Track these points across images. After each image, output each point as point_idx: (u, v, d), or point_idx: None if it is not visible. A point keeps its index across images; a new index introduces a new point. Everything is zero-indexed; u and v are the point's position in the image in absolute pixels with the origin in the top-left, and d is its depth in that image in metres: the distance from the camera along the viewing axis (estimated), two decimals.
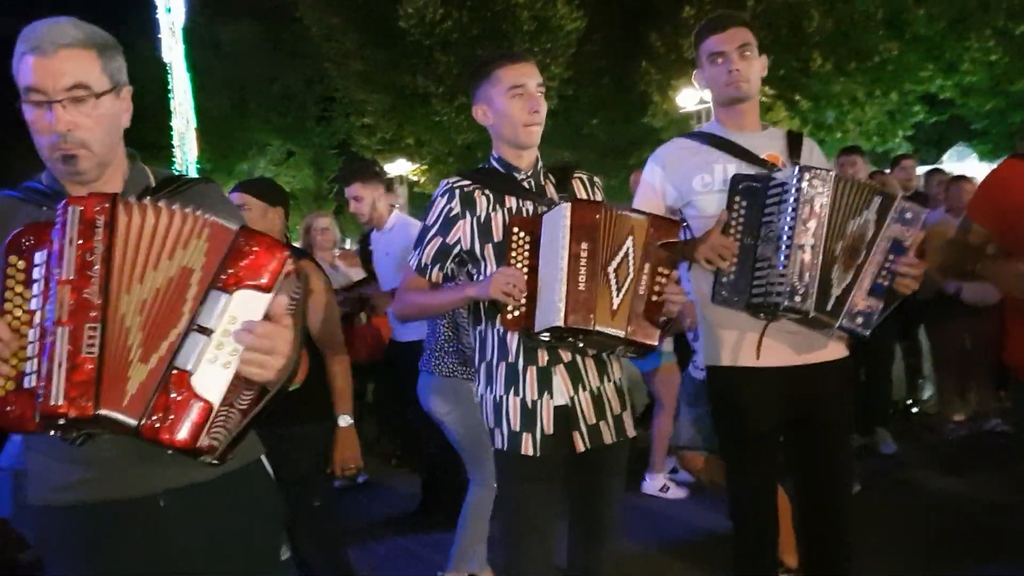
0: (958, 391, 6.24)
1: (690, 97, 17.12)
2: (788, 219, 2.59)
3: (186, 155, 27.00)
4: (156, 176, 1.97)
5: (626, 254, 2.50)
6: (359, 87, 19.43)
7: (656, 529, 4.69)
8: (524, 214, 2.66)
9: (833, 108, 17.45)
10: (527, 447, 2.61)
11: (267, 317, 1.62)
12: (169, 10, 26.13)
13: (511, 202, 2.68)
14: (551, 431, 2.62)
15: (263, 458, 2.05)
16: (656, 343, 2.50)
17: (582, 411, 2.64)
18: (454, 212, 2.66)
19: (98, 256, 1.57)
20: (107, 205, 1.60)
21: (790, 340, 2.80)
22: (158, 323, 1.60)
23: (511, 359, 2.65)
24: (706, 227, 2.78)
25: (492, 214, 2.66)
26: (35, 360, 1.56)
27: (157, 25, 26.44)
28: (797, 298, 2.57)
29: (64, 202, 1.61)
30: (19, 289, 1.60)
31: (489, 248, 2.65)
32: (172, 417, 1.55)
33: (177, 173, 2.03)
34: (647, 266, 2.49)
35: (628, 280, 2.48)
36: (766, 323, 2.72)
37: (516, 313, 2.51)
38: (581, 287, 2.42)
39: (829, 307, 2.61)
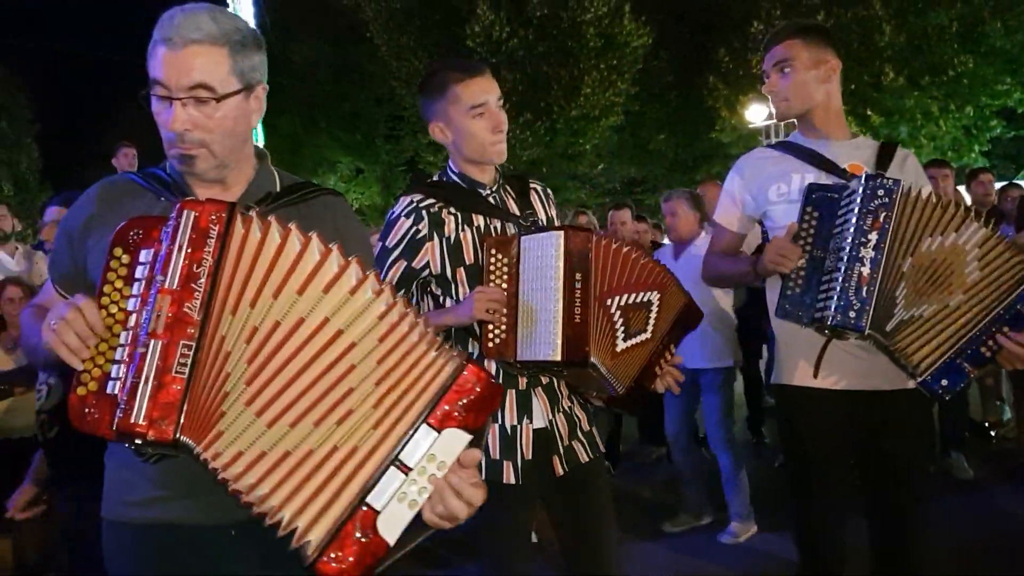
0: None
1: (758, 112, 16.97)
2: (850, 230, 2.45)
3: None
4: (282, 180, 1.87)
5: (647, 304, 2.41)
6: None
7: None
8: (493, 232, 2.50)
9: (906, 123, 17.11)
10: (508, 476, 2.46)
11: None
12: None
13: (479, 220, 2.52)
14: (530, 456, 2.48)
15: None
16: (635, 410, 2.42)
17: (559, 433, 2.53)
18: (421, 234, 2.46)
19: (206, 269, 1.45)
20: (223, 215, 1.49)
21: (857, 363, 2.66)
22: (290, 375, 1.45)
23: None
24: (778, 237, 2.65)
25: (461, 235, 2.48)
26: (122, 366, 1.45)
27: None
28: (852, 313, 2.39)
29: (179, 204, 1.50)
30: (119, 284, 1.51)
31: (461, 271, 2.49)
32: (351, 560, 1.39)
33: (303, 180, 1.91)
34: (666, 339, 2.43)
35: (642, 336, 2.39)
36: (827, 340, 2.62)
37: (497, 341, 2.37)
38: (577, 319, 2.27)
39: (890, 328, 2.44)
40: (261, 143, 26.41)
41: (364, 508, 1.41)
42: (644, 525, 5.15)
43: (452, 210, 2.50)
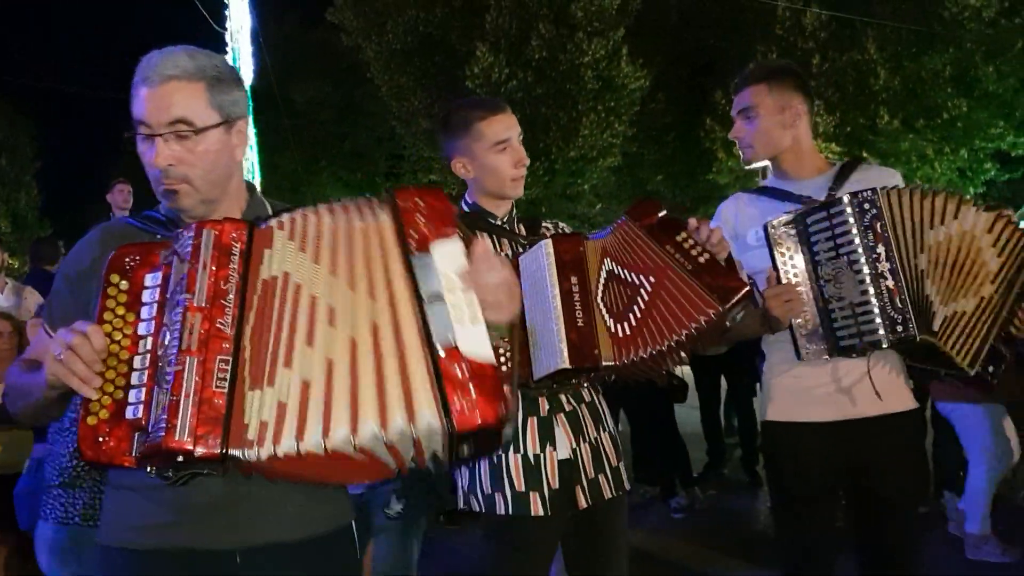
0: None
1: None
2: (857, 252, 2.41)
3: None
4: (275, 208, 1.85)
5: (611, 276, 2.30)
6: (427, 144, 19.75)
7: None
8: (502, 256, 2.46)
9: (902, 165, 17.21)
10: (536, 507, 2.38)
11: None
12: (239, 69, 27.05)
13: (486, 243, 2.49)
14: (557, 486, 2.41)
15: (353, 524, 1.86)
16: (748, 284, 2.16)
17: (583, 464, 2.46)
18: None
19: (233, 285, 1.47)
20: (244, 232, 1.52)
21: (844, 392, 2.59)
22: (274, 345, 1.46)
23: None
24: (759, 283, 2.55)
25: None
26: (141, 389, 1.44)
27: None
28: (899, 328, 2.36)
29: (195, 224, 1.52)
30: (120, 311, 1.51)
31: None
32: (475, 396, 1.36)
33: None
34: (669, 247, 2.22)
35: (644, 292, 2.22)
36: (868, 364, 2.53)
37: (509, 365, 2.33)
38: (580, 323, 2.25)
39: (937, 326, 2.40)
40: (258, 182, 26.62)
41: (442, 353, 1.38)
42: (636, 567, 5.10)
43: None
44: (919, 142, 16.83)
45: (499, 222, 2.61)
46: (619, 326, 2.26)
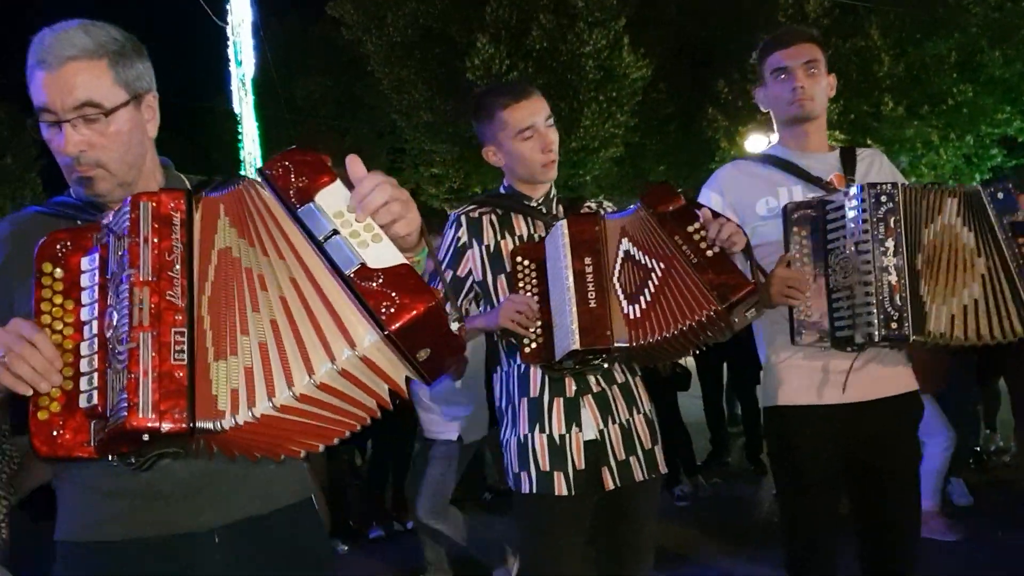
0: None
1: (757, 143, 17.02)
2: (863, 242, 2.40)
3: None
4: (191, 183, 1.80)
5: (628, 258, 2.31)
6: (428, 138, 19.74)
7: None
8: (534, 239, 2.51)
9: (907, 152, 17.16)
10: (560, 487, 2.41)
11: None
12: (240, 63, 26.96)
13: (521, 228, 2.55)
14: (583, 467, 2.43)
15: (313, 498, 1.86)
16: (752, 283, 2.17)
17: (612, 445, 2.46)
18: (462, 242, 2.54)
19: (178, 255, 1.42)
20: (182, 201, 1.47)
21: (844, 376, 2.58)
22: (232, 315, 1.44)
23: (534, 394, 2.46)
24: (770, 254, 2.58)
25: (501, 242, 2.53)
26: (93, 375, 1.40)
27: (230, 78, 27.36)
28: (894, 324, 2.37)
29: (129, 198, 1.45)
30: (58, 300, 1.46)
31: (502, 279, 2.50)
32: (395, 295, 1.35)
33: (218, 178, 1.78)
34: (677, 238, 2.23)
35: (655, 276, 2.24)
36: (855, 357, 2.54)
37: (534, 345, 2.35)
38: (592, 304, 2.25)
39: (931, 326, 2.42)
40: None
41: (353, 276, 1.38)
42: None
43: (493, 219, 2.56)
44: (924, 129, 16.75)
45: (534, 203, 2.60)
46: (632, 308, 2.28)
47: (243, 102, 26.97)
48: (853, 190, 2.46)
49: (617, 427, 2.48)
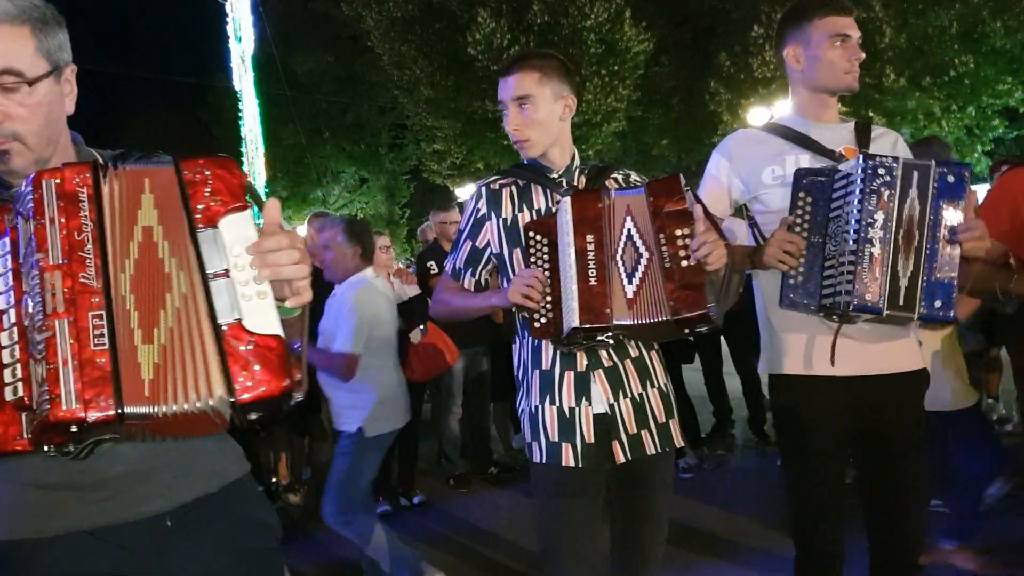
0: None
1: (760, 115, 16.98)
2: (855, 212, 2.41)
3: (255, 180, 27.59)
4: (105, 158, 1.66)
5: (629, 236, 2.33)
6: (429, 114, 19.70)
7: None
8: (552, 212, 2.48)
9: (908, 124, 17.10)
10: (568, 458, 2.45)
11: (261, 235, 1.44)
12: (240, 40, 26.87)
13: (539, 201, 2.54)
14: (592, 440, 2.46)
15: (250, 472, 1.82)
16: (707, 308, 2.20)
17: (623, 419, 2.47)
18: (481, 213, 2.57)
19: (88, 234, 1.35)
20: (88, 175, 1.38)
21: (859, 348, 2.62)
22: (153, 294, 1.38)
23: (546, 366, 2.50)
24: (773, 222, 2.62)
25: (519, 215, 2.53)
26: (16, 366, 1.34)
27: (230, 55, 27.25)
28: (869, 296, 2.38)
29: (31, 177, 1.37)
30: None
31: (517, 252, 2.52)
32: (257, 368, 1.34)
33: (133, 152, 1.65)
34: (662, 236, 2.28)
35: (643, 262, 2.29)
36: (839, 326, 2.55)
37: (543, 320, 2.36)
38: (592, 282, 2.27)
39: (901, 301, 2.41)
40: (262, 154, 26.56)
41: (225, 327, 1.36)
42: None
43: (513, 191, 2.56)
44: (926, 100, 16.69)
45: (555, 175, 2.59)
46: (628, 287, 2.30)
47: (243, 79, 26.94)
48: (860, 159, 2.45)
49: (629, 401, 2.49)
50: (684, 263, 2.24)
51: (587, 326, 2.26)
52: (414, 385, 4.85)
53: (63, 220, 1.34)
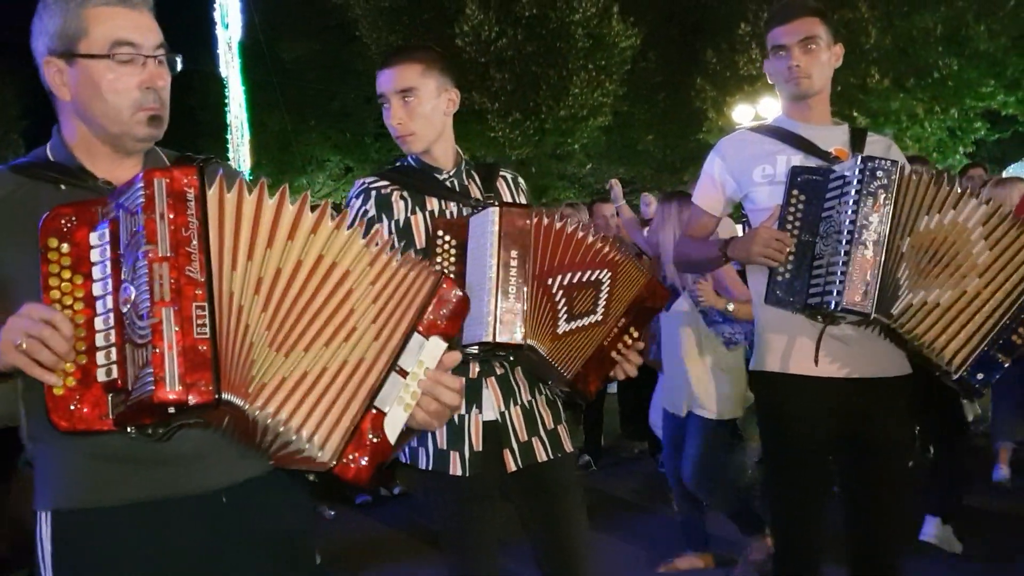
0: (1019, 414, 6.02)
1: (745, 113, 17.05)
2: (849, 213, 2.38)
3: (240, 166, 27.44)
4: (168, 156, 1.81)
5: (596, 284, 2.32)
6: None
7: None
8: (449, 216, 2.43)
9: (892, 125, 17.22)
10: (455, 467, 2.39)
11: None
12: (227, 26, 26.71)
13: (432, 204, 2.45)
14: (479, 448, 2.41)
15: None
16: (591, 399, 2.28)
17: (513, 427, 2.43)
18: (370, 215, 2.43)
19: (194, 231, 1.43)
20: (195, 177, 1.47)
21: (847, 350, 2.61)
22: (300, 310, 1.52)
23: None
24: (760, 220, 2.63)
25: (412, 217, 2.43)
26: (111, 350, 1.42)
27: (217, 41, 27.10)
28: (857, 297, 2.35)
29: (143, 175, 1.45)
30: (67, 275, 1.46)
31: (411, 255, 2.40)
32: (366, 459, 1.53)
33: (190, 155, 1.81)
34: (623, 321, 2.32)
35: (591, 318, 2.30)
36: (824, 326, 2.53)
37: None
38: (511, 299, 2.21)
39: (896, 310, 2.39)
40: (247, 140, 26.41)
41: (374, 411, 1.54)
42: (623, 522, 5.21)
43: (404, 194, 2.46)
44: (910, 101, 16.82)
45: (444, 175, 2.51)
46: (562, 322, 2.31)
47: (229, 65, 26.77)
48: (857, 160, 2.45)
49: (519, 408, 2.45)
50: (613, 353, 2.33)
51: (500, 343, 2.22)
52: None
53: (172, 216, 1.43)
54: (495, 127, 18.93)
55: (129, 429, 1.44)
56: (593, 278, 2.33)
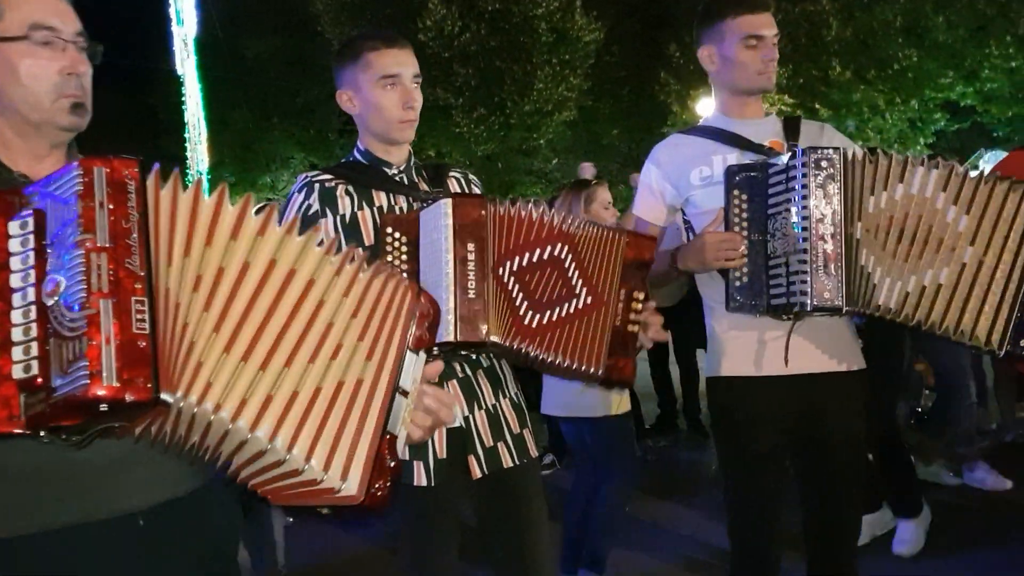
0: (981, 403, 6.06)
1: (709, 106, 17.02)
2: (799, 208, 2.32)
3: (198, 166, 27.08)
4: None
5: (556, 261, 2.18)
6: None
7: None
8: (399, 212, 2.30)
9: (853, 117, 17.41)
10: (420, 477, 2.28)
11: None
12: (182, 22, 26.35)
13: (380, 199, 2.33)
14: (444, 455, 2.30)
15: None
16: (633, 382, 2.19)
17: (478, 432, 2.34)
18: (313, 210, 2.31)
19: (134, 224, 1.35)
20: (136, 169, 1.38)
21: (803, 346, 2.55)
22: (262, 317, 1.39)
23: None
24: (703, 224, 2.53)
25: (359, 213, 2.31)
26: (31, 344, 1.29)
27: (172, 38, 26.74)
28: (827, 294, 2.29)
29: (79, 162, 1.36)
30: None
31: (381, 265, 2.29)
32: (388, 486, 1.46)
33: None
34: (621, 292, 2.20)
35: (575, 302, 2.17)
36: (792, 325, 2.47)
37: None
38: (471, 295, 2.08)
39: (886, 300, 2.33)
40: (205, 138, 26.13)
41: (388, 436, 1.48)
42: None
43: (350, 188, 2.34)
44: (871, 93, 17.00)
45: (393, 171, 2.41)
46: (534, 313, 2.18)
47: (186, 63, 26.43)
48: (793, 153, 2.39)
49: (483, 413, 2.36)
50: (630, 328, 2.20)
51: (464, 341, 2.09)
52: None
53: (111, 207, 1.34)
54: (460, 123, 18.90)
55: (42, 433, 1.28)
56: (546, 256, 2.18)
